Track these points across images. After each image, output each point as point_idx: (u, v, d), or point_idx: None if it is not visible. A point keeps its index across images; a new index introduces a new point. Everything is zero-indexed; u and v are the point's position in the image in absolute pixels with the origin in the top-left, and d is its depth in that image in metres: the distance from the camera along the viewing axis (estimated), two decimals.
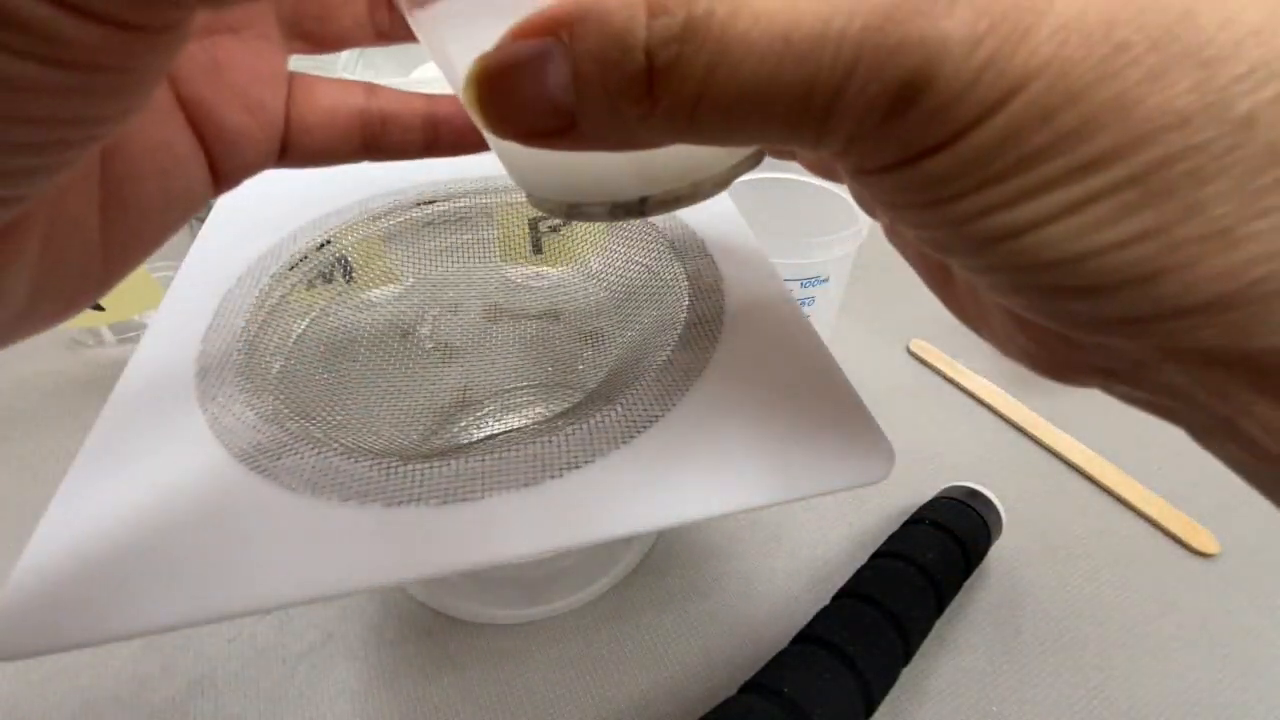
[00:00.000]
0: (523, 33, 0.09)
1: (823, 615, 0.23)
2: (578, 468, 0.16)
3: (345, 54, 0.53)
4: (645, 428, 0.17)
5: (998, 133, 0.08)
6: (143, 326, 0.39)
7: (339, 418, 0.21)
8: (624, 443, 0.16)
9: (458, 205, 0.26)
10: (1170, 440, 0.35)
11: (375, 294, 0.25)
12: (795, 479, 0.16)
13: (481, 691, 0.24)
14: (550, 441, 0.16)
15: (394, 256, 0.26)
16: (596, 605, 0.27)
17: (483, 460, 0.16)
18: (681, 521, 0.15)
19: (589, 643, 0.26)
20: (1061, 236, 0.09)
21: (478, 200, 0.26)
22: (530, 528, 0.15)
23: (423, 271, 0.27)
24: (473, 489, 0.15)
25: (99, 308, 0.35)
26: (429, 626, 0.26)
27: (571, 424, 0.17)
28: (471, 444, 0.17)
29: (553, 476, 0.16)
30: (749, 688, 0.21)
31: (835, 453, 0.16)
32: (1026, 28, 0.08)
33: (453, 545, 0.14)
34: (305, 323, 0.22)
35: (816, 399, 0.18)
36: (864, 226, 0.33)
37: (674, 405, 0.17)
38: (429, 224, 0.26)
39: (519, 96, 0.10)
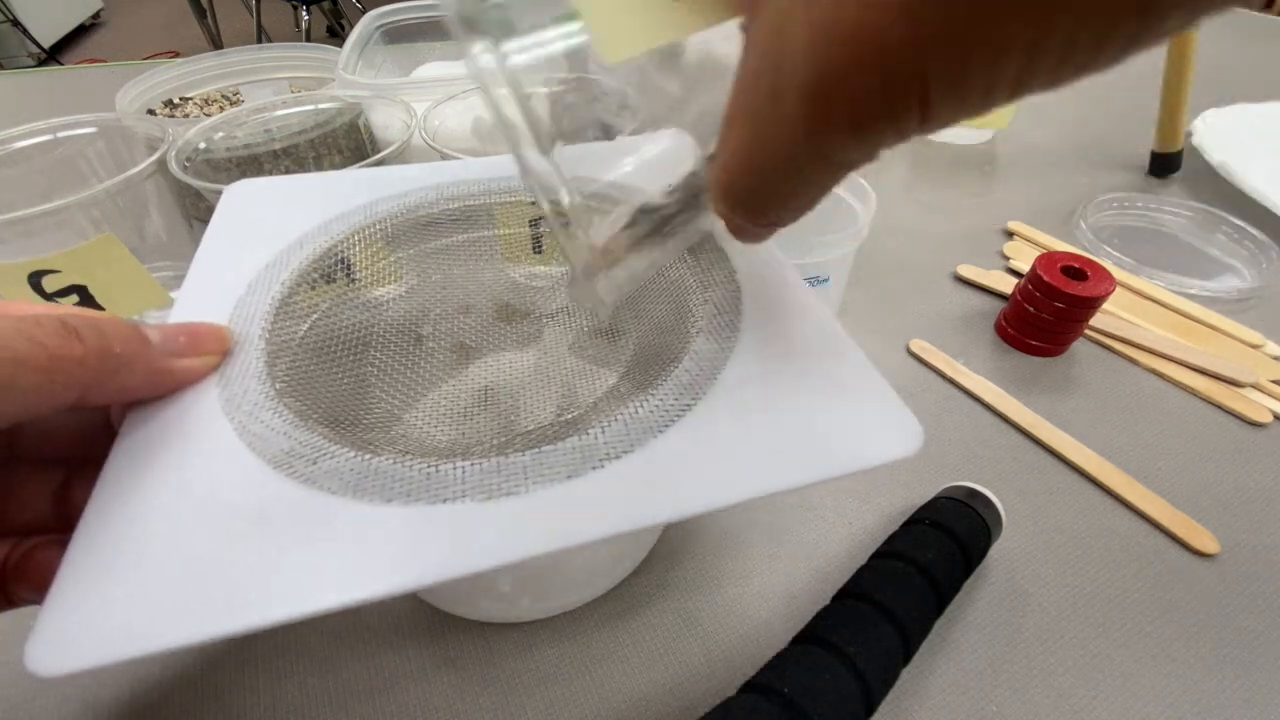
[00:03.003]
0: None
1: (823, 615, 0.23)
2: (618, 458, 0.16)
3: (346, 53, 0.53)
4: (679, 416, 0.17)
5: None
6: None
7: (366, 420, 0.21)
8: (660, 431, 0.17)
9: (459, 206, 0.26)
10: (1170, 440, 0.35)
11: (379, 293, 0.25)
12: (830, 457, 0.16)
13: (481, 691, 0.24)
14: (587, 434, 0.17)
15: (397, 256, 0.26)
16: (596, 605, 0.27)
17: (523, 455, 0.16)
18: (729, 503, 0.15)
19: (589, 643, 0.26)
20: None
21: (480, 200, 0.27)
22: (579, 517, 0.15)
23: (427, 272, 0.27)
24: (516, 484, 0.16)
25: (99, 307, 0.35)
26: (429, 626, 0.26)
27: (605, 417, 0.17)
28: (509, 440, 0.17)
29: (594, 468, 0.16)
30: (749, 688, 0.21)
31: (865, 430, 0.17)
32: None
33: (503, 539, 0.14)
34: (309, 324, 0.22)
35: (839, 380, 0.18)
36: (864, 226, 0.33)
37: (704, 393, 0.18)
38: (430, 224, 0.26)
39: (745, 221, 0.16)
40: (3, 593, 0.18)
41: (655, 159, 0.18)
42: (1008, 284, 0.43)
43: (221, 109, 0.54)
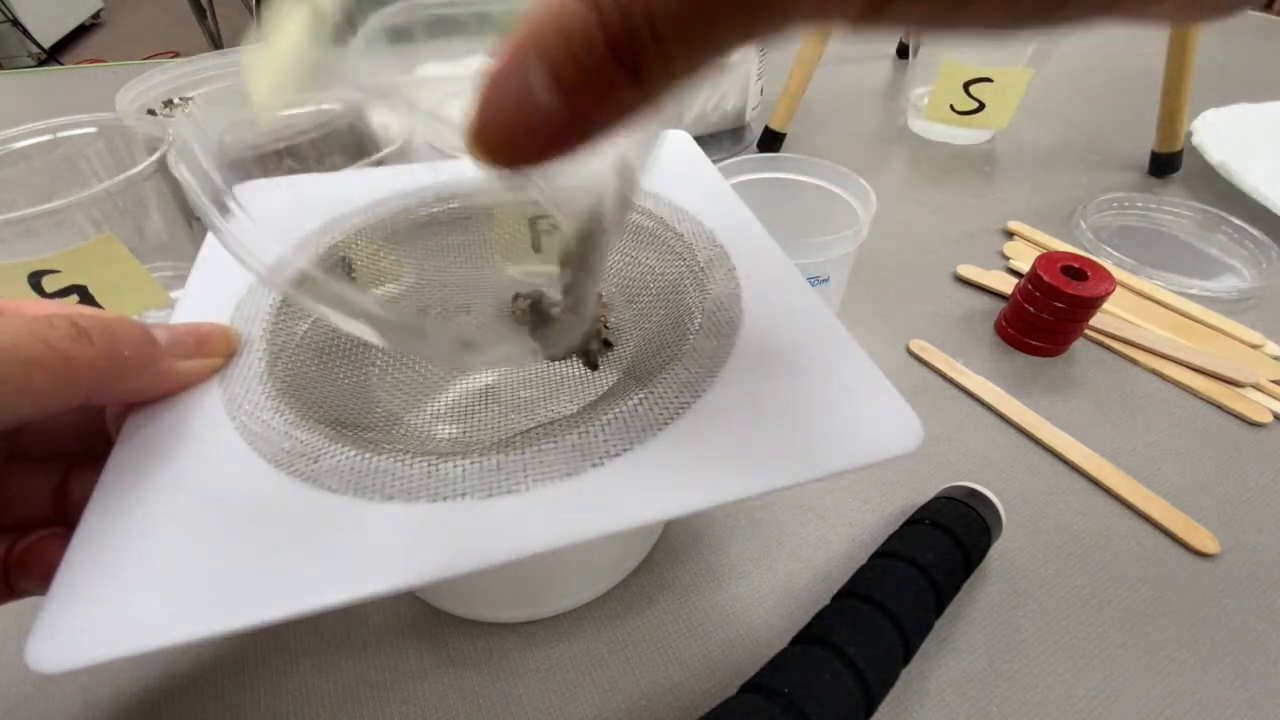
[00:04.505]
0: (495, 74, 0.10)
1: (823, 615, 0.23)
2: (618, 456, 0.16)
3: (351, 59, 0.52)
4: (679, 414, 0.17)
5: None
6: None
7: (367, 420, 0.21)
8: (660, 429, 0.17)
9: (459, 205, 0.26)
10: (1170, 440, 0.35)
11: (380, 293, 0.25)
12: (831, 453, 0.16)
13: (481, 691, 0.24)
14: (587, 432, 0.17)
15: (397, 257, 0.26)
16: (596, 605, 0.27)
17: (522, 453, 0.16)
18: (729, 501, 0.15)
19: (589, 643, 0.26)
20: None
21: (479, 200, 0.27)
22: (578, 515, 0.15)
23: (427, 271, 0.27)
24: (517, 482, 0.16)
25: (99, 308, 0.35)
26: (429, 626, 0.26)
27: (605, 415, 0.17)
28: (510, 438, 0.17)
29: (594, 465, 0.16)
30: (749, 688, 0.21)
31: (865, 426, 0.17)
32: None
33: (504, 537, 0.15)
34: (309, 324, 0.22)
35: (839, 376, 0.18)
36: (864, 226, 0.33)
37: (704, 391, 0.18)
38: (429, 224, 0.26)
39: (518, 127, 0.10)
40: (5, 585, 0.18)
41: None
42: (1008, 284, 0.43)
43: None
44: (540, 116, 0.10)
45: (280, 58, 0.15)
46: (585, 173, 0.14)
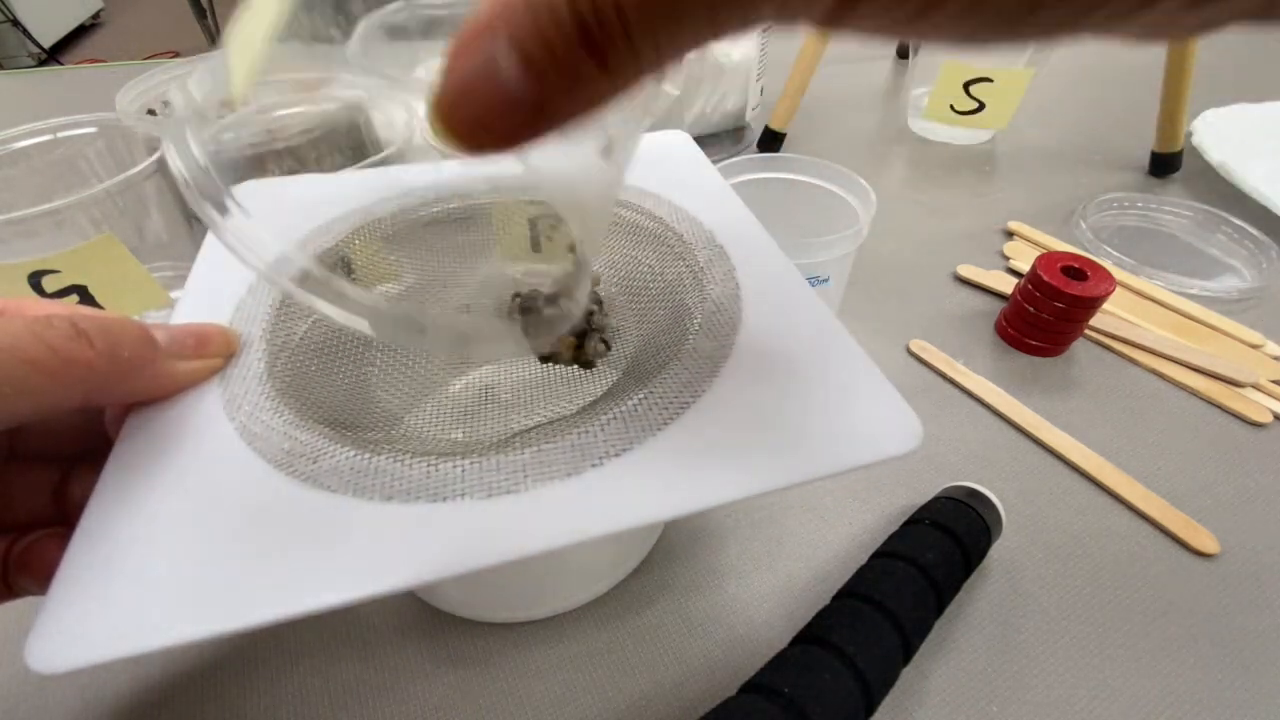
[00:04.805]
0: (461, 49, 0.09)
1: (823, 615, 0.23)
2: (617, 456, 0.16)
3: (349, 52, 0.52)
4: (678, 414, 0.17)
5: None
6: None
7: (367, 420, 0.21)
8: (660, 429, 0.17)
9: (459, 205, 0.26)
10: (1170, 440, 0.35)
11: (379, 292, 0.25)
12: (830, 454, 0.16)
13: (481, 691, 0.24)
14: (587, 433, 0.17)
15: (397, 257, 0.26)
16: (596, 605, 0.27)
17: (522, 453, 0.16)
18: (728, 501, 0.15)
19: (589, 643, 0.26)
20: None
21: (479, 200, 0.27)
22: (579, 515, 0.15)
23: (427, 271, 0.27)
24: (516, 482, 0.16)
25: (99, 308, 0.35)
26: (429, 626, 0.26)
27: (605, 415, 0.17)
28: (509, 438, 0.17)
29: (594, 465, 0.16)
30: (749, 688, 0.21)
31: (865, 426, 0.17)
32: None
33: (503, 537, 0.15)
34: (308, 324, 0.22)
35: (839, 376, 0.18)
36: (864, 226, 0.33)
37: (704, 391, 0.18)
38: (429, 224, 0.26)
39: (482, 108, 0.10)
40: (4, 584, 0.18)
41: None
42: (1008, 284, 0.43)
43: None
44: (506, 97, 0.10)
45: (253, 40, 0.15)
46: (568, 159, 0.14)
